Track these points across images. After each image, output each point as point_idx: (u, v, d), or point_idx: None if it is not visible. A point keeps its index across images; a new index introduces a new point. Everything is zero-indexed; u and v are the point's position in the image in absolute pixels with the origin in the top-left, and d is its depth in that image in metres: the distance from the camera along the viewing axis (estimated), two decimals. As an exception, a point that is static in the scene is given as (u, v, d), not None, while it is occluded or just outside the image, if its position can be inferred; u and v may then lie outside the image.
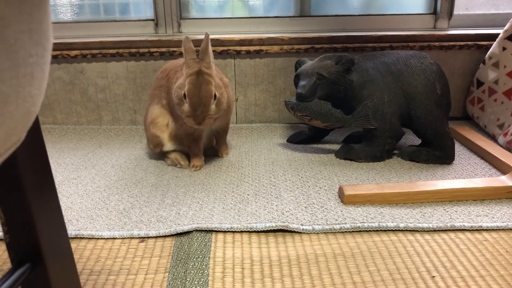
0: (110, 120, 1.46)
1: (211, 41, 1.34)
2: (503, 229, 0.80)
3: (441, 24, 1.47)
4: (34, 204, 0.43)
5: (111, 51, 1.36)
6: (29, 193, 0.43)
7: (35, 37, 0.30)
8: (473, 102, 1.39)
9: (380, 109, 1.07)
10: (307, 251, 0.74)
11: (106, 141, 1.32)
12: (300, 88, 1.07)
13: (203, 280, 0.66)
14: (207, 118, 0.94)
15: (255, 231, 0.80)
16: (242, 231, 0.80)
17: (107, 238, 0.79)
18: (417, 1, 1.48)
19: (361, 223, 0.81)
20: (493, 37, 1.33)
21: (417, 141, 1.22)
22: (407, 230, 0.80)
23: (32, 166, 0.43)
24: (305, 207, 0.88)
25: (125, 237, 0.79)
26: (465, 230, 0.80)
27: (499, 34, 1.29)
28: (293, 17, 1.47)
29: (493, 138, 1.25)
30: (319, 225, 0.81)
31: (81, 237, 0.79)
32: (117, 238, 0.79)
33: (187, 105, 0.94)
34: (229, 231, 0.80)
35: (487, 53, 1.32)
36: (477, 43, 1.37)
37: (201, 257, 0.72)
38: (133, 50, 1.36)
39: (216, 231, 0.80)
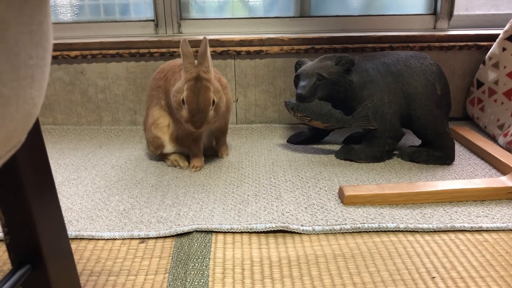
0: (110, 120, 1.46)
1: (211, 41, 1.35)
2: (503, 230, 0.80)
3: (441, 24, 1.47)
4: (34, 205, 0.43)
5: (111, 52, 1.36)
6: (29, 194, 0.43)
7: (35, 39, 0.30)
8: (473, 102, 1.39)
9: (380, 109, 1.07)
10: (307, 252, 0.74)
11: (106, 141, 1.32)
12: (300, 88, 1.07)
13: (203, 281, 0.66)
14: (205, 123, 0.95)
15: (255, 232, 0.80)
16: (242, 232, 0.80)
17: (107, 239, 0.79)
18: (417, 1, 1.48)
19: (361, 223, 0.81)
20: (493, 38, 1.33)
21: (417, 142, 1.22)
22: (407, 230, 0.80)
23: (32, 167, 0.43)
24: (305, 207, 0.88)
25: (125, 238, 0.79)
26: (465, 230, 0.80)
27: (499, 34, 1.29)
28: (293, 17, 1.47)
29: (493, 138, 1.25)
30: (319, 225, 0.81)
31: (81, 238, 0.79)
32: (117, 238, 0.79)
33: (185, 111, 0.94)
34: (229, 232, 0.80)
35: (487, 54, 1.32)
36: (477, 43, 1.37)
37: (201, 257, 0.72)
38: (133, 50, 1.36)
39: (216, 232, 0.80)
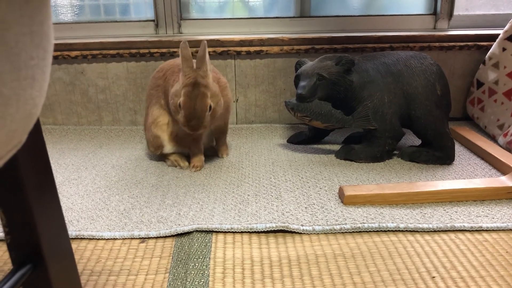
0: (110, 120, 1.46)
1: (211, 41, 1.35)
2: (503, 230, 0.80)
3: (441, 24, 1.48)
4: (35, 205, 0.43)
5: (111, 52, 1.36)
6: (30, 194, 0.43)
7: (36, 40, 0.30)
8: (473, 102, 1.39)
9: (380, 109, 1.07)
10: (308, 251, 0.74)
11: (106, 141, 1.32)
12: (300, 88, 1.07)
13: (203, 280, 0.67)
14: (201, 127, 0.95)
15: (255, 232, 0.80)
16: (242, 232, 0.80)
17: (108, 238, 0.79)
18: (417, 1, 1.48)
19: (361, 223, 0.81)
20: (493, 38, 1.33)
21: (417, 142, 1.22)
22: (407, 230, 0.80)
23: (32, 167, 0.43)
24: (305, 207, 0.88)
25: (126, 238, 0.79)
26: (465, 230, 0.80)
27: (499, 34, 1.29)
28: (293, 17, 1.47)
29: (493, 138, 1.25)
30: (320, 225, 0.81)
31: (81, 238, 0.79)
32: (117, 238, 0.79)
33: (182, 115, 0.95)
34: (229, 232, 0.80)
35: (487, 54, 1.32)
36: (477, 43, 1.37)
37: (201, 257, 0.72)
38: (134, 50, 1.36)
39: (216, 232, 0.80)
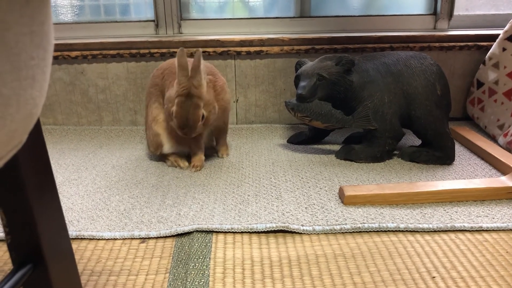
0: (110, 120, 1.46)
1: (212, 42, 1.35)
2: (503, 230, 0.80)
3: (441, 24, 1.48)
4: (35, 205, 0.43)
5: (111, 52, 1.36)
6: (30, 194, 0.43)
7: (36, 40, 0.30)
8: (473, 102, 1.39)
9: (380, 109, 1.07)
10: (308, 251, 0.74)
11: (106, 142, 1.32)
12: (300, 89, 1.07)
13: (203, 280, 0.67)
14: (194, 134, 0.98)
15: (255, 232, 0.80)
16: (242, 232, 0.80)
17: (108, 238, 0.79)
18: (417, 1, 1.48)
19: (361, 223, 0.81)
20: (493, 38, 1.33)
21: (417, 142, 1.22)
22: (407, 230, 0.80)
23: (33, 167, 0.43)
24: (306, 207, 0.88)
25: (126, 238, 0.79)
26: (465, 230, 0.80)
27: (499, 34, 1.29)
28: (293, 17, 1.47)
29: (493, 138, 1.25)
30: (320, 225, 0.81)
31: (82, 238, 0.79)
32: (117, 238, 0.79)
33: (174, 123, 0.97)
34: (229, 232, 0.80)
35: (487, 54, 1.32)
36: (477, 43, 1.37)
37: (201, 257, 0.72)
38: (134, 51, 1.36)
39: (216, 232, 0.80)
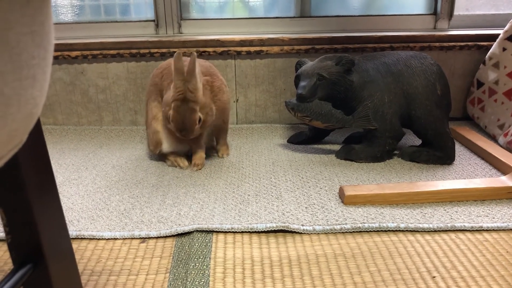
0: (110, 120, 1.46)
1: (212, 41, 1.35)
2: (503, 230, 0.80)
3: (442, 24, 1.48)
4: (35, 204, 0.43)
5: (111, 52, 1.36)
6: (30, 194, 0.43)
7: (37, 39, 0.30)
8: (473, 102, 1.39)
9: (380, 109, 1.07)
10: (308, 251, 0.74)
11: (106, 141, 1.32)
12: (300, 88, 1.07)
13: (204, 280, 0.67)
14: (191, 136, 0.99)
15: (255, 232, 0.80)
16: (242, 232, 0.80)
17: (108, 238, 0.79)
18: (417, 1, 1.48)
19: (361, 223, 0.81)
20: (493, 38, 1.33)
21: (418, 142, 1.22)
22: (407, 230, 0.80)
23: (33, 166, 0.43)
24: (306, 207, 0.88)
25: (126, 238, 0.79)
26: (466, 230, 0.80)
27: (499, 34, 1.29)
28: (294, 17, 1.47)
29: (494, 138, 1.25)
30: (320, 225, 0.81)
31: (82, 238, 0.79)
32: (118, 238, 0.79)
33: (172, 126, 0.99)
34: (229, 232, 0.80)
35: (487, 54, 1.32)
36: (477, 43, 1.37)
37: (202, 257, 0.72)
38: (134, 51, 1.36)
39: (217, 232, 0.80)
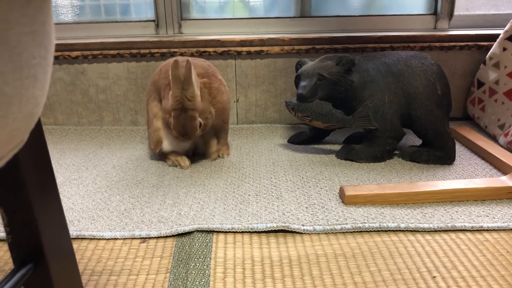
0: (111, 120, 1.47)
1: (212, 42, 1.35)
2: (503, 230, 0.80)
3: (442, 24, 1.48)
4: (36, 204, 0.43)
5: (112, 52, 1.36)
6: (31, 194, 0.43)
7: (38, 39, 0.30)
8: (474, 102, 1.39)
9: (380, 109, 1.07)
10: (308, 251, 0.74)
11: (107, 141, 1.32)
12: (300, 88, 1.07)
13: (204, 280, 0.67)
14: (193, 139, 1.02)
15: (256, 232, 0.80)
16: (243, 232, 0.80)
17: (109, 238, 0.79)
18: (417, 1, 1.48)
19: (362, 223, 0.81)
20: (493, 38, 1.33)
21: (418, 142, 1.22)
22: (408, 230, 0.80)
23: (34, 166, 0.43)
24: (306, 207, 0.88)
25: (126, 238, 0.79)
26: (466, 230, 0.80)
27: (499, 34, 1.29)
28: (294, 17, 1.47)
29: (494, 138, 1.25)
30: (320, 225, 0.81)
31: (82, 238, 0.79)
32: (118, 238, 0.79)
33: (173, 133, 1.01)
34: (230, 232, 0.80)
35: (488, 54, 1.32)
36: (477, 43, 1.37)
37: (202, 257, 0.72)
38: (134, 51, 1.36)
39: (217, 232, 0.80)
